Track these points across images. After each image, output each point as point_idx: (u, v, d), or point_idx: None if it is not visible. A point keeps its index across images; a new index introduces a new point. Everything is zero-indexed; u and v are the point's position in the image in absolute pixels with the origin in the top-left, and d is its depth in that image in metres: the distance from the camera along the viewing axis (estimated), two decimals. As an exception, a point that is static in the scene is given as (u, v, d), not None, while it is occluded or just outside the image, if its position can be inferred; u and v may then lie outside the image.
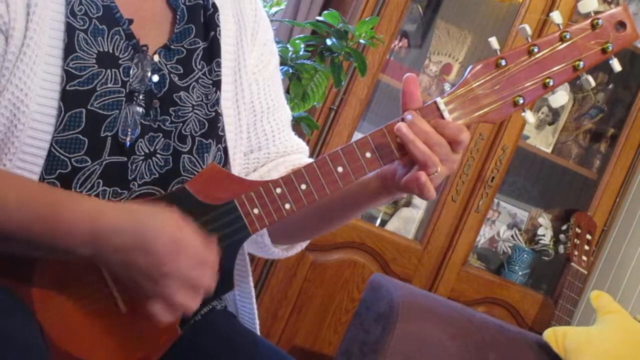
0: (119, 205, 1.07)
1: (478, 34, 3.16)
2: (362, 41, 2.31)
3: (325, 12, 2.28)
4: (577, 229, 2.95)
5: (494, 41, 1.16)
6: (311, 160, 1.35)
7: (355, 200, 1.25)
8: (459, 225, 2.96)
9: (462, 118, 1.15)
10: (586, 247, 2.95)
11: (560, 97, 1.18)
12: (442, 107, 1.14)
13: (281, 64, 2.23)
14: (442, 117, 1.14)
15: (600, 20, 1.16)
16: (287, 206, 1.13)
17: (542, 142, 3.21)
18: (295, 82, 2.24)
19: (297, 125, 2.27)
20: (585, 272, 2.91)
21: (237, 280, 1.32)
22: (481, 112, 1.15)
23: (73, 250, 1.04)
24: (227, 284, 1.16)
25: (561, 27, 1.16)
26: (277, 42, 2.31)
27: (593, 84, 1.18)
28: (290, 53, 2.25)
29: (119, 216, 1.03)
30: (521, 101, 1.15)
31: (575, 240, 2.93)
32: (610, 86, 3.28)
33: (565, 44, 1.16)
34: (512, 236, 3.21)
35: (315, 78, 2.26)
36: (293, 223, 1.20)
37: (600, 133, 3.25)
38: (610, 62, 1.18)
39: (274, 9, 2.31)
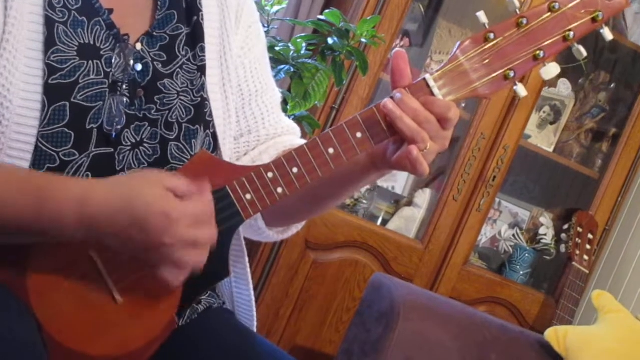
0: (105, 183, 1.06)
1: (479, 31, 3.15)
2: (363, 40, 2.31)
3: (327, 11, 2.28)
4: (578, 229, 2.95)
5: (482, 15, 1.14)
6: (302, 141, 1.34)
7: (347, 180, 1.24)
8: (461, 224, 2.96)
9: (453, 94, 1.13)
10: (588, 247, 2.95)
11: (552, 69, 1.16)
12: (431, 83, 1.13)
13: (282, 62, 2.23)
14: (432, 93, 1.13)
15: None
16: (280, 190, 1.13)
17: (544, 141, 3.21)
18: (296, 81, 2.24)
19: (299, 124, 2.27)
20: (587, 272, 2.91)
21: (233, 266, 1.31)
22: (471, 87, 1.14)
23: (67, 235, 1.04)
24: (223, 270, 1.16)
25: None
26: (279, 41, 2.32)
27: (585, 54, 1.16)
28: (292, 52, 2.25)
29: (107, 197, 1.03)
30: (512, 75, 1.14)
31: (577, 239, 2.93)
32: (612, 85, 3.28)
33: (554, 15, 1.14)
34: (513, 235, 3.21)
35: (317, 77, 2.26)
36: (287, 205, 1.20)
37: (602, 132, 3.25)
38: (601, 31, 1.15)
39: (276, 8, 2.31)
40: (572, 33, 1.14)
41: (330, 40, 2.26)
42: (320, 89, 2.27)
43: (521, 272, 3.13)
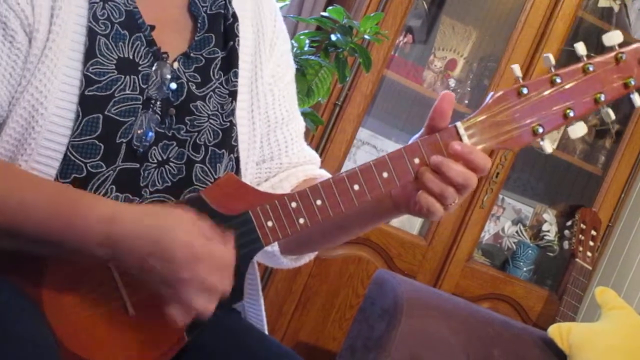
0: (135, 209, 1.07)
1: (483, 29, 3.15)
2: (366, 37, 2.31)
3: (330, 7, 2.28)
4: (582, 225, 2.95)
5: (516, 69, 1.14)
6: (322, 171, 1.36)
7: (367, 216, 1.24)
8: (464, 221, 2.96)
9: (480, 144, 1.14)
10: (591, 243, 2.95)
11: (579, 129, 1.17)
12: (461, 131, 1.13)
13: (286, 59, 2.23)
14: (461, 141, 1.13)
15: (624, 55, 1.16)
16: (302, 221, 1.13)
17: (547, 137, 3.20)
18: (299, 78, 2.24)
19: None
20: (590, 268, 2.91)
21: (246, 289, 1.32)
22: (500, 139, 1.14)
23: (89, 251, 1.04)
24: (238, 294, 1.15)
25: (584, 59, 1.15)
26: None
27: (613, 117, 1.18)
28: (295, 49, 2.25)
29: (136, 220, 1.03)
30: (540, 130, 1.15)
31: (580, 236, 2.93)
32: (616, 82, 3.27)
33: (587, 76, 1.15)
34: (516, 232, 3.21)
35: (320, 74, 2.26)
36: (304, 235, 1.20)
37: (605, 129, 3.25)
38: (632, 96, 1.18)
39: (279, 5, 2.31)
40: (603, 96, 1.16)
41: (333, 37, 2.26)
42: (323, 85, 2.27)
43: (524, 269, 3.13)
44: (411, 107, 3.07)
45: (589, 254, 2.92)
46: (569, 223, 3.00)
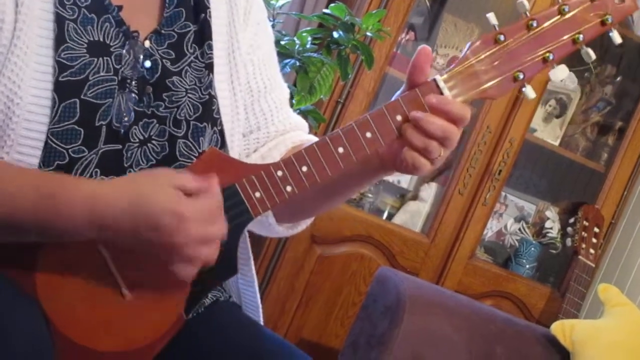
0: (114, 183, 1.07)
1: (485, 27, 3.15)
2: (369, 34, 2.31)
3: (332, 4, 2.28)
4: (584, 222, 2.94)
5: (492, 17, 1.15)
6: (311, 136, 1.35)
7: (357, 177, 1.24)
8: (466, 218, 2.96)
9: (462, 95, 1.14)
10: (594, 240, 2.94)
11: (560, 71, 1.17)
12: (441, 84, 1.13)
13: (288, 56, 2.23)
14: (442, 94, 1.13)
15: None
16: (289, 189, 1.13)
17: (550, 135, 3.20)
18: (302, 75, 2.24)
19: (305, 118, 2.27)
20: (593, 265, 2.91)
21: (239, 265, 1.32)
22: (481, 88, 1.14)
23: (77, 234, 1.05)
24: (231, 268, 1.16)
25: (560, 0, 1.16)
26: (284, 35, 2.32)
27: (593, 56, 1.17)
28: (297, 46, 2.25)
29: (115, 196, 1.04)
30: (521, 76, 1.15)
31: (583, 233, 2.92)
32: (618, 79, 3.27)
33: (564, 17, 1.15)
34: (519, 229, 3.21)
35: (322, 71, 2.26)
36: (297, 202, 1.20)
37: (608, 126, 3.24)
38: (610, 34, 1.16)
39: (281, 2, 2.31)
40: (581, 36, 1.15)
41: (335, 34, 2.26)
42: (325, 83, 2.27)
43: (527, 266, 3.13)
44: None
45: (591, 251, 2.92)
46: (571, 220, 2.99)
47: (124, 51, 1.18)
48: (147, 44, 1.20)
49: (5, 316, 0.98)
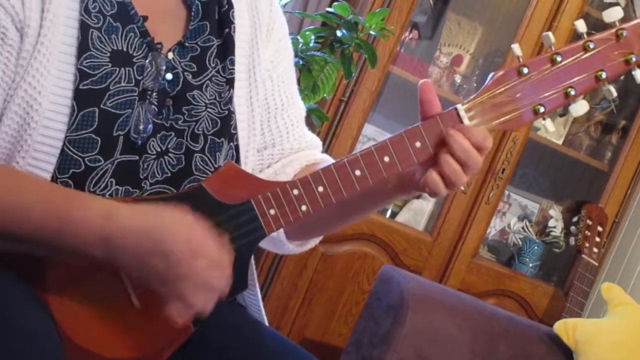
0: (131, 207, 1.06)
1: (489, 25, 3.15)
2: (372, 33, 2.31)
3: (336, 3, 2.28)
4: (588, 221, 2.94)
5: (516, 48, 1.14)
6: (325, 155, 1.35)
7: (372, 198, 1.24)
8: (470, 217, 2.96)
9: (481, 125, 1.14)
10: (597, 239, 2.94)
11: (581, 107, 1.16)
12: (462, 113, 1.13)
13: (291, 55, 2.23)
14: (461, 122, 1.13)
15: (624, 31, 1.15)
16: (304, 208, 1.12)
17: (553, 133, 3.20)
18: (305, 74, 2.24)
19: (308, 117, 2.26)
20: (596, 264, 2.91)
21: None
22: (501, 119, 1.14)
23: (84, 251, 1.03)
24: (241, 283, 1.16)
25: (585, 36, 1.15)
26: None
27: (615, 94, 1.16)
28: (301, 45, 2.25)
29: (132, 218, 1.03)
30: (542, 110, 1.14)
31: (586, 232, 2.92)
32: (622, 77, 3.26)
33: (588, 54, 1.15)
34: (522, 228, 3.20)
35: (326, 70, 2.26)
36: (308, 220, 1.20)
37: (611, 125, 3.24)
38: (633, 72, 1.16)
39: (284, 0, 2.31)
40: (604, 73, 1.15)
41: (339, 33, 2.26)
42: (329, 81, 2.27)
43: (530, 265, 3.13)
44: (417, 103, 3.05)
45: (595, 250, 2.92)
46: (575, 219, 2.99)
47: (147, 62, 1.17)
48: (170, 55, 1.20)
49: (15, 317, 0.98)
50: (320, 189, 1.13)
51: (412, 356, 2.19)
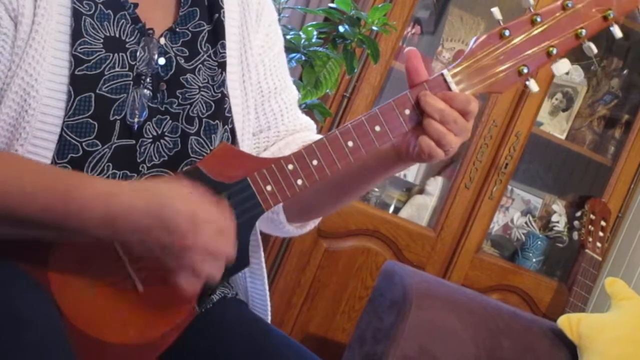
0: (132, 185, 1.08)
1: (491, 20, 3.13)
2: (374, 28, 2.31)
3: (338, -1, 2.28)
4: (591, 216, 2.94)
5: (496, 11, 1.18)
6: (319, 136, 1.36)
7: (371, 173, 1.26)
8: (473, 212, 2.96)
9: (469, 89, 1.17)
10: (600, 234, 2.94)
11: (562, 65, 1.19)
12: (449, 79, 1.17)
13: (294, 51, 2.23)
14: (449, 89, 1.16)
15: None
16: (300, 182, 1.15)
17: (556, 128, 3.20)
18: (307, 69, 2.24)
19: (310, 113, 2.27)
20: (600, 259, 2.91)
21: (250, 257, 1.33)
22: (487, 82, 1.17)
23: (89, 231, 1.05)
24: (243, 260, 1.17)
25: None
26: (290, 30, 2.32)
27: (595, 51, 1.19)
28: (303, 40, 2.25)
29: (133, 196, 1.04)
30: (525, 70, 1.18)
31: (590, 226, 2.92)
32: (625, 72, 3.26)
33: (567, 13, 1.18)
34: (525, 223, 3.20)
35: (328, 65, 2.26)
36: (308, 199, 1.22)
37: (614, 119, 3.24)
38: (611, 28, 1.20)
39: (286, -4, 2.31)
40: (583, 31, 1.18)
41: (341, 28, 2.26)
42: (331, 77, 2.27)
43: (534, 260, 3.13)
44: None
45: (598, 244, 2.92)
46: (578, 214, 2.99)
47: (139, 48, 1.19)
48: (162, 41, 1.22)
49: (17, 304, 0.98)
50: (315, 162, 1.15)
51: (415, 352, 2.19)
